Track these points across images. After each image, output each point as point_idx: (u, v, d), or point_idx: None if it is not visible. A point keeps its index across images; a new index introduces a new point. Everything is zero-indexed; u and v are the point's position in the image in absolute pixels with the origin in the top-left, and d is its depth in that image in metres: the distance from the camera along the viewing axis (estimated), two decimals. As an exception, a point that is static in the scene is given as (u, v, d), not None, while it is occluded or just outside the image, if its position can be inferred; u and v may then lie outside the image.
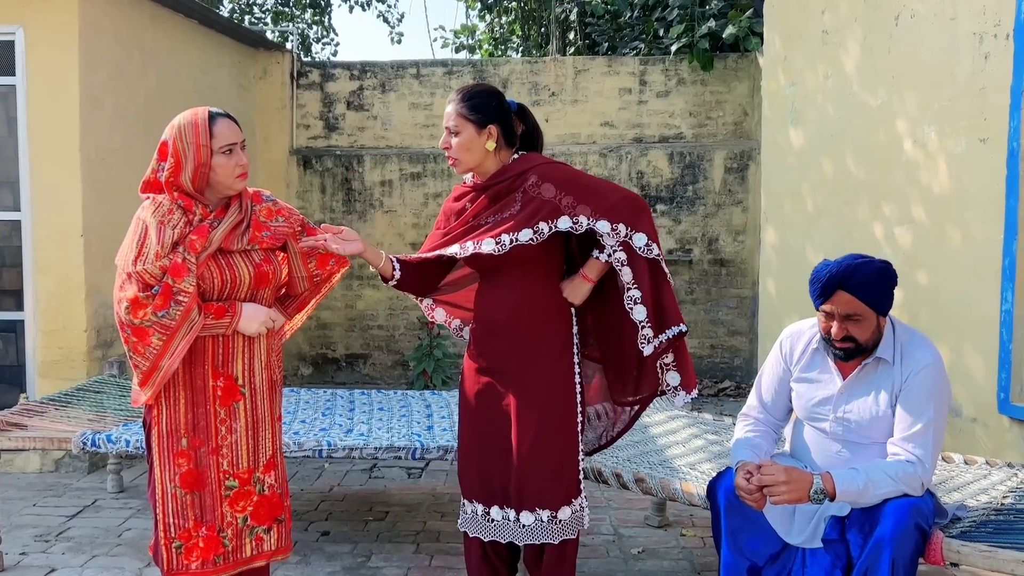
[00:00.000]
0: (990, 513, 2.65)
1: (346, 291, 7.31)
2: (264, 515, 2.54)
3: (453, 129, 2.66)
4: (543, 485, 2.67)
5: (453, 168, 2.72)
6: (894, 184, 4.18)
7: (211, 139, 2.40)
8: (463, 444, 2.82)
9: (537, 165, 2.69)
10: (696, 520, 3.95)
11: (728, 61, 7.13)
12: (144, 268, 2.33)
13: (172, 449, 2.44)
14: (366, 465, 4.85)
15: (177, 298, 2.33)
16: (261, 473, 2.54)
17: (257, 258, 2.51)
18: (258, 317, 2.48)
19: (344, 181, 7.28)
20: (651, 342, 2.67)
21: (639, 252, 2.62)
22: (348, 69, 7.42)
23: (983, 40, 3.59)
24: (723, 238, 7.08)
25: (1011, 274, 3.44)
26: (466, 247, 2.66)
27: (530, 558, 2.81)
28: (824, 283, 2.45)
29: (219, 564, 2.48)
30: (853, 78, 4.54)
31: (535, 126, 2.81)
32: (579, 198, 2.62)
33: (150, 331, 2.33)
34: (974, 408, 3.67)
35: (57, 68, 4.65)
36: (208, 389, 2.46)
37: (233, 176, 2.43)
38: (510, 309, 2.69)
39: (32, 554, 3.61)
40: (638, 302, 2.66)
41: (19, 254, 4.76)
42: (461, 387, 2.84)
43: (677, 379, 2.76)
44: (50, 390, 4.55)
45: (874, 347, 2.50)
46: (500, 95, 2.73)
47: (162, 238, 2.35)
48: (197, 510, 2.45)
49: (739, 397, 6.72)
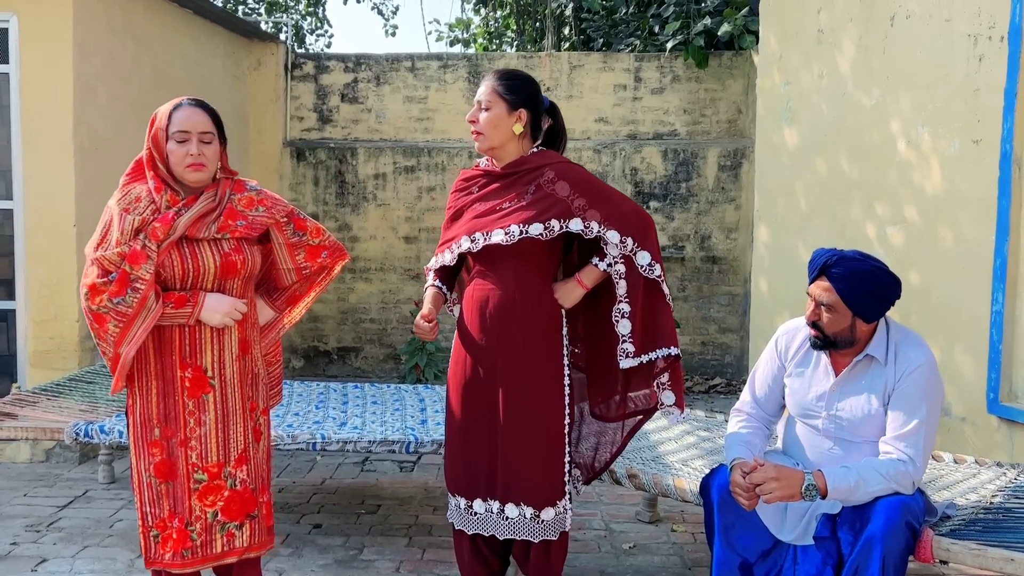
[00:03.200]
0: (979, 512, 2.68)
1: (338, 284, 7.29)
2: (235, 511, 2.50)
3: (484, 104, 2.67)
4: (529, 479, 2.67)
5: (475, 142, 2.72)
6: (887, 184, 4.20)
7: (168, 123, 2.42)
8: (449, 433, 2.82)
9: (556, 162, 2.70)
10: (687, 516, 3.97)
11: (723, 59, 7.14)
12: (104, 255, 2.34)
13: (146, 438, 2.45)
14: (358, 458, 4.85)
15: (134, 285, 2.32)
16: (232, 468, 2.49)
17: (227, 247, 2.46)
18: (221, 308, 2.43)
19: (337, 174, 7.26)
20: (631, 357, 2.68)
21: (640, 270, 2.64)
22: (342, 61, 7.40)
23: (978, 42, 3.61)
24: (715, 235, 7.10)
25: (1002, 275, 3.47)
26: (476, 240, 2.66)
27: (519, 553, 2.82)
28: (815, 263, 2.53)
29: (187, 558, 2.45)
30: (848, 78, 4.56)
31: (562, 127, 2.82)
32: (591, 202, 2.63)
33: (107, 317, 2.34)
34: (964, 407, 3.71)
35: (50, 56, 4.62)
36: (176, 380, 2.44)
37: (183, 165, 2.41)
38: (503, 302, 2.69)
39: (23, 544, 3.60)
40: (625, 316, 2.68)
41: (11, 243, 4.74)
42: (449, 376, 2.83)
43: (672, 398, 2.78)
44: (42, 380, 4.53)
45: (847, 344, 2.51)
46: (537, 86, 2.75)
47: (123, 225, 2.35)
48: (171, 500, 2.45)
49: (730, 394, 6.75)
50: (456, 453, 2.79)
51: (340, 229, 7.26)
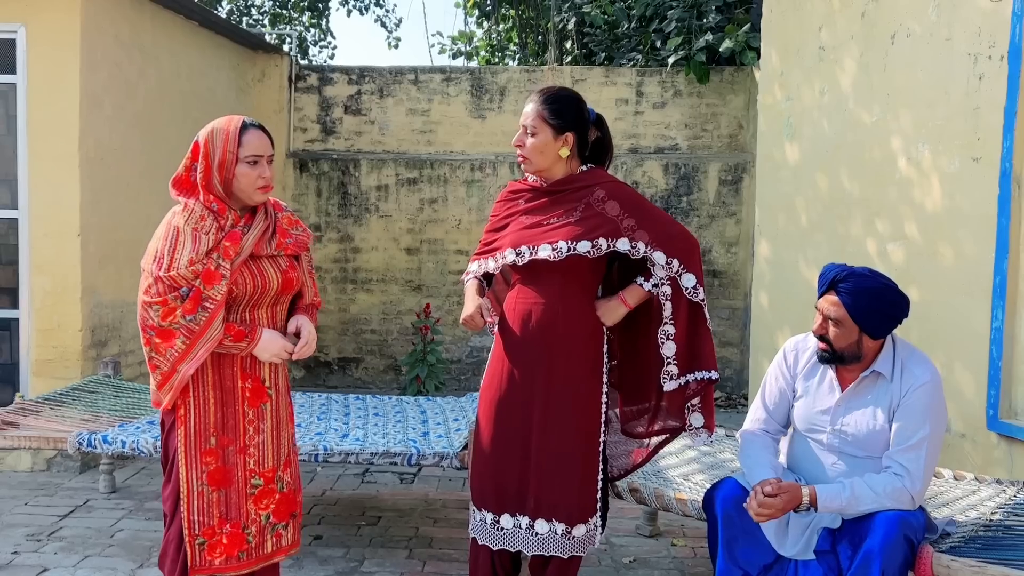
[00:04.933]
0: (979, 529, 2.69)
1: (340, 295, 7.32)
2: (283, 512, 2.59)
3: (531, 130, 2.66)
4: (563, 496, 2.66)
5: (521, 165, 2.73)
6: (887, 201, 4.23)
7: (238, 147, 2.43)
8: (479, 447, 2.79)
9: (606, 182, 2.72)
10: (687, 530, 3.97)
11: (724, 74, 7.18)
12: (177, 272, 2.35)
13: (200, 448, 2.46)
14: (359, 469, 4.85)
15: (205, 304, 2.36)
16: (281, 472, 2.58)
17: (283, 264, 2.54)
18: (273, 347, 2.50)
19: (340, 185, 7.29)
20: (675, 379, 2.70)
21: (685, 292, 2.66)
22: (346, 73, 7.44)
23: (978, 61, 3.64)
24: (716, 249, 7.13)
25: (1002, 292, 3.48)
26: (522, 253, 2.65)
27: (536, 568, 2.81)
28: (824, 278, 2.56)
29: (242, 560, 2.51)
30: (849, 95, 4.59)
31: (609, 139, 2.83)
32: (640, 223, 2.64)
33: (176, 334, 2.36)
34: (963, 424, 3.72)
35: (57, 67, 4.66)
36: (237, 390, 2.49)
37: (254, 187, 2.46)
38: (547, 317, 2.68)
39: (24, 553, 3.60)
40: (671, 338, 2.69)
41: (15, 252, 4.76)
42: (484, 387, 2.81)
43: (701, 420, 2.79)
44: (44, 389, 4.54)
45: (854, 359, 2.54)
46: (582, 103, 2.74)
47: (197, 245, 2.37)
48: (223, 507, 2.48)
49: (730, 408, 6.76)
50: (485, 466, 2.76)
51: (342, 240, 7.29)
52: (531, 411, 2.67)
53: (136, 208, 5.17)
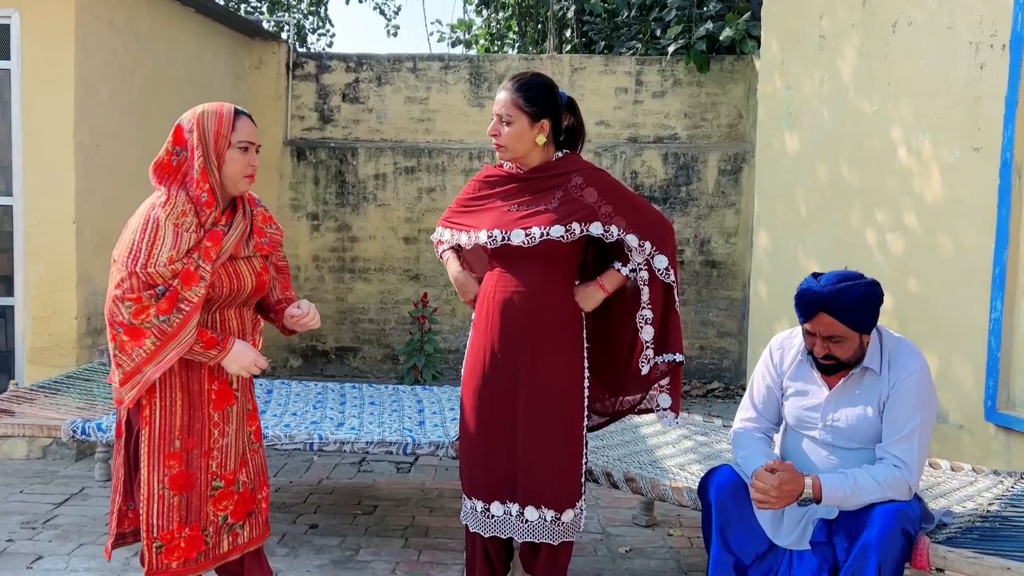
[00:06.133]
0: (976, 520, 2.68)
1: (337, 284, 7.30)
2: (241, 512, 2.53)
3: (506, 118, 2.65)
4: (551, 483, 2.67)
5: (497, 153, 2.72)
6: (887, 191, 4.21)
7: (232, 131, 2.37)
8: (467, 436, 2.80)
9: (584, 168, 2.71)
10: (684, 520, 3.97)
11: (724, 63, 7.14)
12: (155, 270, 2.26)
13: (164, 451, 2.40)
14: (355, 459, 4.85)
15: (180, 305, 2.28)
16: (239, 472, 2.53)
17: (258, 265, 2.49)
18: (243, 360, 2.42)
19: (338, 173, 7.26)
20: (649, 363, 2.74)
21: (658, 274, 2.66)
22: (344, 61, 7.40)
23: (979, 50, 3.62)
24: (715, 240, 7.10)
25: (1001, 283, 3.47)
26: (494, 237, 2.66)
27: (526, 555, 2.82)
28: (807, 304, 2.47)
29: (200, 561, 2.47)
30: (849, 84, 4.56)
31: (581, 122, 2.82)
32: (618, 209, 2.64)
33: (147, 333, 2.27)
34: (961, 415, 3.71)
35: (52, 53, 4.62)
36: (204, 393, 2.44)
37: (242, 175, 2.39)
38: (528, 304, 2.68)
39: (19, 541, 3.59)
40: (649, 322, 2.71)
41: (10, 240, 4.73)
42: (466, 376, 2.82)
43: (668, 402, 2.83)
44: (39, 377, 4.52)
45: (859, 361, 2.53)
46: (555, 89, 2.72)
47: (178, 242, 2.28)
48: (183, 511, 2.43)
49: (727, 398, 6.76)
50: (474, 456, 2.77)
51: (340, 229, 7.26)
52: (516, 399, 2.69)
53: (132, 195, 5.09)
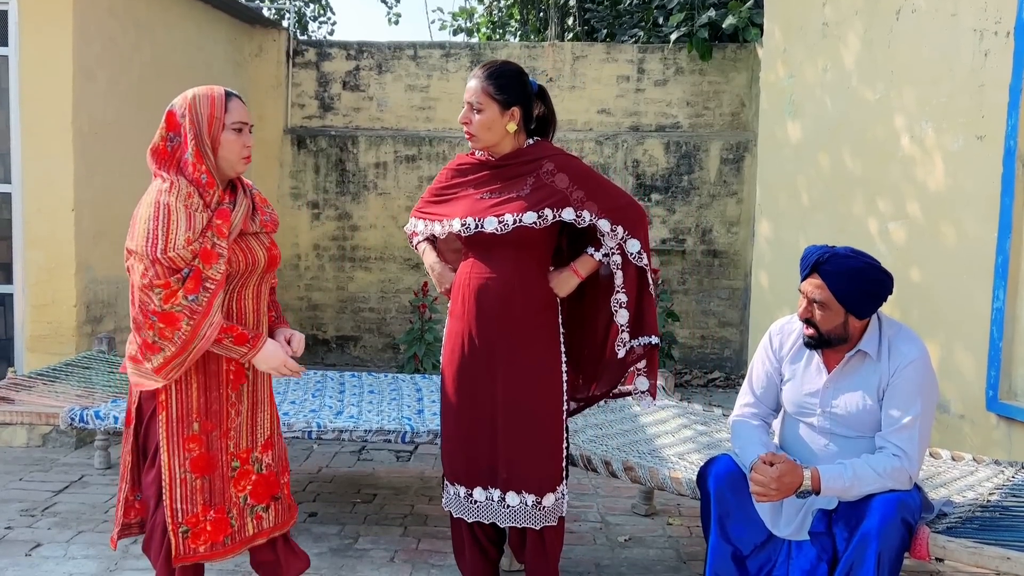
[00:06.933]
0: (976, 509, 2.67)
1: (338, 272, 7.29)
2: (262, 494, 2.54)
3: (476, 106, 2.65)
4: (531, 467, 2.69)
5: (468, 142, 2.72)
6: (890, 180, 4.18)
7: (225, 113, 2.37)
8: (447, 423, 2.82)
9: (554, 154, 2.71)
10: (683, 509, 3.96)
11: (727, 51, 7.10)
12: (176, 253, 2.26)
13: (183, 434, 2.40)
14: (355, 447, 4.84)
15: (205, 284, 2.29)
16: (259, 453, 2.54)
17: (266, 241, 2.50)
18: (273, 361, 2.44)
19: (338, 162, 7.24)
20: (625, 346, 2.75)
21: (630, 258, 2.67)
22: (345, 49, 7.36)
23: (983, 37, 3.59)
24: (717, 229, 7.08)
25: (1003, 272, 3.45)
26: (468, 225, 2.67)
27: (515, 540, 2.83)
28: (806, 261, 2.51)
29: (227, 544, 2.48)
30: (852, 72, 4.53)
31: (552, 110, 2.82)
32: (589, 195, 2.65)
33: (180, 316, 2.27)
34: (963, 405, 3.70)
35: (50, 40, 4.59)
36: (222, 372, 2.44)
37: (239, 156, 2.39)
38: (503, 291, 2.69)
39: (18, 528, 3.60)
40: (623, 306, 2.72)
41: (9, 227, 4.72)
42: (444, 364, 2.83)
43: (646, 384, 2.83)
44: (38, 364, 4.52)
45: (841, 341, 2.51)
46: (525, 76, 2.73)
47: (192, 224, 2.28)
48: (206, 494, 2.43)
49: (728, 388, 6.75)
50: (455, 442, 2.79)
51: (340, 218, 7.24)
52: (494, 385, 2.70)
53: (131, 183, 5.10)
